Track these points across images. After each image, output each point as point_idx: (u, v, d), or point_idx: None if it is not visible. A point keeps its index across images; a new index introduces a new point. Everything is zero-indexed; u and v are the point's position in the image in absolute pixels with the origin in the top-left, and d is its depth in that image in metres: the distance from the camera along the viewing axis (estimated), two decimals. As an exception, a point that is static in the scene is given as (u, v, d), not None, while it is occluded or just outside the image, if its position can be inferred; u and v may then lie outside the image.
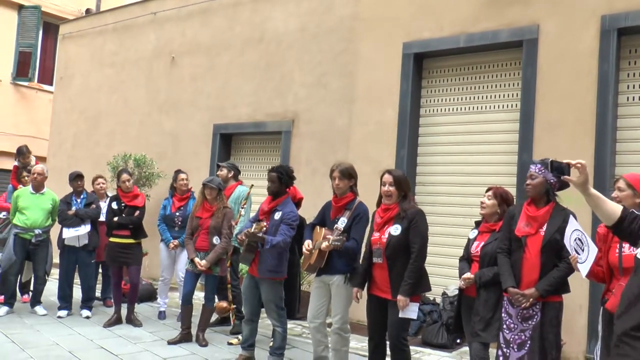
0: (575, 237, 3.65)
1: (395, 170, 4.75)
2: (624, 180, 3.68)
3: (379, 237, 4.50)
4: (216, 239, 6.12)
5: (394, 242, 4.40)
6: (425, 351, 6.26)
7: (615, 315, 2.71)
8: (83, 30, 12.60)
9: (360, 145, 7.85)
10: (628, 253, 3.55)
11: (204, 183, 6.26)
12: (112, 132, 11.57)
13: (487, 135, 7.12)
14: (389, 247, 4.41)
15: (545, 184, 4.04)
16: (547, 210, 4.02)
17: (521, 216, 4.11)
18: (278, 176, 5.32)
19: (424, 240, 4.43)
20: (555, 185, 4.05)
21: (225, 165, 7.13)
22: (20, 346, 5.70)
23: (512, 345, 4.00)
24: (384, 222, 4.52)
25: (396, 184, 4.50)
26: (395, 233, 4.41)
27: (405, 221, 4.41)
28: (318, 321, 5.04)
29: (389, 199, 4.52)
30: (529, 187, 4.10)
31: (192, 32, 10.42)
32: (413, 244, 4.37)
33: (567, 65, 6.33)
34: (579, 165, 2.98)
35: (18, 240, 7.04)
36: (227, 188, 7.02)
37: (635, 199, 3.57)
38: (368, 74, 7.91)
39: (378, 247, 4.48)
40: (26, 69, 15.70)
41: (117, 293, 6.96)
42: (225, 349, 6.05)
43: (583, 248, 3.60)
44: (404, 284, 4.32)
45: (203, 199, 6.26)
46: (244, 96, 9.50)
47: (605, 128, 6.00)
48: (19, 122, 15.28)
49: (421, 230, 4.42)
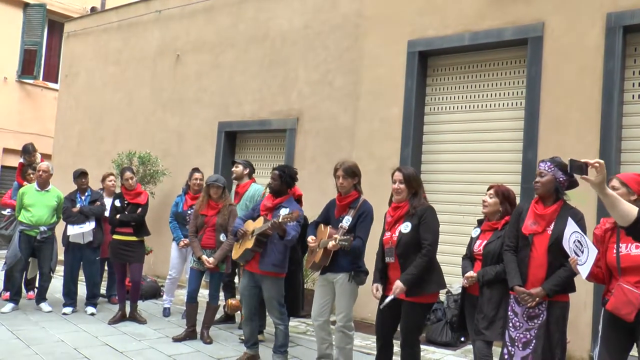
0: (575, 239, 3.66)
1: (406, 167, 4.72)
2: (617, 179, 3.70)
3: (390, 236, 4.48)
4: (223, 236, 6.13)
5: (405, 239, 4.37)
6: (430, 349, 6.26)
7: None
8: (88, 28, 12.64)
9: (365, 143, 7.84)
10: (625, 253, 3.55)
11: (208, 183, 6.27)
12: (116, 130, 11.60)
13: (491, 133, 7.10)
14: (400, 245, 4.38)
15: (554, 182, 4.01)
16: (555, 209, 4.00)
17: (529, 214, 4.09)
18: (280, 174, 5.31)
19: (435, 236, 4.40)
20: (564, 183, 4.03)
21: (241, 162, 7.15)
22: (25, 342, 5.73)
23: (517, 343, 4.00)
24: (394, 221, 4.50)
25: (406, 182, 4.48)
26: (405, 231, 4.39)
27: (415, 218, 4.39)
28: (322, 319, 5.04)
29: (399, 196, 4.51)
30: (537, 184, 4.08)
31: (196, 29, 10.44)
32: (424, 240, 4.33)
33: (572, 63, 6.31)
34: (597, 165, 3.02)
35: (23, 237, 7.08)
36: (241, 185, 7.04)
37: (630, 196, 3.58)
38: (373, 72, 7.90)
39: (390, 247, 4.45)
40: (31, 66, 15.76)
41: (121, 290, 6.99)
42: (229, 347, 6.06)
43: (582, 250, 3.60)
44: (406, 272, 4.29)
45: (207, 197, 6.27)
46: (249, 94, 9.51)
47: (610, 126, 5.98)
48: (24, 120, 15.35)
49: (432, 226, 4.39)
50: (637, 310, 3.42)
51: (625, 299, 3.45)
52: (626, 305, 3.44)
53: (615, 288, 3.54)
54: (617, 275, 3.58)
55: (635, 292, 3.43)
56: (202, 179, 7.36)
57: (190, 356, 5.65)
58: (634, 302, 3.42)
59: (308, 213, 5.87)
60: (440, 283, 4.49)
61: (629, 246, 3.54)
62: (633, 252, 3.51)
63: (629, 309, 3.43)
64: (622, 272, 3.54)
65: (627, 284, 3.48)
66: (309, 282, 7.71)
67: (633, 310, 3.42)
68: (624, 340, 3.61)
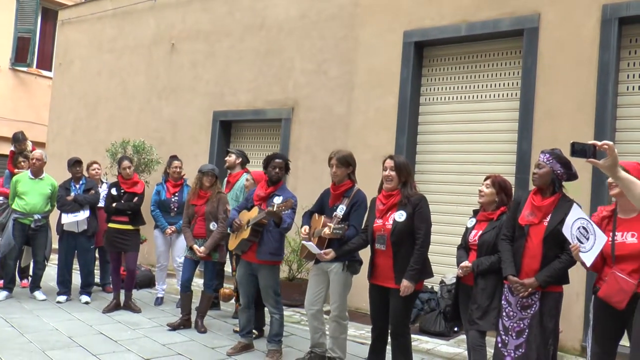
0: (579, 225, 3.61)
1: (398, 156, 4.73)
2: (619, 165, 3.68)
3: (383, 224, 4.48)
4: (213, 225, 6.12)
5: (400, 228, 4.38)
6: (423, 339, 6.29)
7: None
8: (82, 16, 12.55)
9: (360, 133, 7.84)
10: (621, 241, 3.58)
11: (203, 172, 6.25)
12: (111, 118, 11.55)
13: (486, 124, 7.11)
14: (394, 233, 4.39)
15: (551, 175, 4.02)
16: (553, 200, 4.01)
17: (526, 205, 4.10)
18: (286, 163, 5.37)
19: (428, 225, 4.43)
20: (563, 176, 4.04)
21: (234, 152, 7.15)
22: (19, 330, 5.73)
23: (511, 332, 4.02)
24: (387, 209, 4.50)
25: (397, 169, 4.49)
26: (400, 219, 4.40)
27: (409, 207, 4.40)
28: (315, 308, 5.06)
29: (390, 183, 4.51)
30: (535, 176, 4.08)
31: (192, 18, 10.38)
32: (418, 229, 4.36)
33: (568, 55, 6.31)
34: (605, 147, 2.89)
35: (17, 225, 7.06)
36: (233, 174, 7.04)
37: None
38: (368, 62, 7.89)
39: (382, 234, 4.46)
40: (25, 54, 15.64)
41: (116, 279, 6.98)
42: (224, 336, 6.07)
43: (588, 237, 3.55)
44: (409, 269, 4.32)
45: (198, 186, 6.26)
46: (244, 83, 9.48)
47: (605, 117, 6.00)
48: (17, 108, 15.26)
49: (426, 216, 4.43)
50: (629, 298, 3.45)
51: (617, 287, 3.48)
52: (618, 293, 3.47)
53: (608, 276, 3.56)
54: (611, 263, 3.60)
55: (628, 280, 3.46)
56: (181, 166, 7.44)
57: (185, 345, 5.66)
58: (626, 290, 3.45)
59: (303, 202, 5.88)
60: (427, 272, 4.52)
61: (624, 235, 3.57)
62: (628, 240, 3.54)
63: (620, 297, 3.46)
64: (617, 260, 3.56)
65: (621, 272, 3.50)
66: (302, 271, 7.73)
67: (625, 299, 3.45)
68: (615, 328, 3.65)
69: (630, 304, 3.44)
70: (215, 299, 7.12)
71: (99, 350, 5.27)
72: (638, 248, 3.50)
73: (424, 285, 6.85)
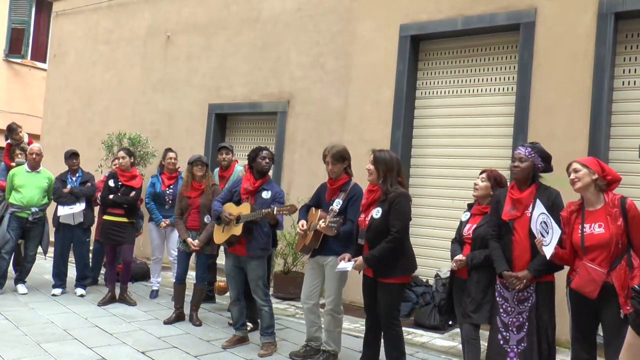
0: (541, 220, 3.79)
1: (382, 151, 4.62)
2: (578, 163, 3.83)
3: (364, 219, 4.51)
4: (207, 218, 6.10)
5: (375, 224, 4.39)
6: (418, 332, 6.32)
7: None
8: (77, 7, 12.46)
9: (356, 126, 7.84)
10: (589, 232, 3.69)
11: (191, 161, 6.22)
12: (106, 110, 11.51)
13: (482, 118, 7.12)
14: (370, 229, 4.41)
15: (532, 168, 4.11)
16: (531, 191, 4.07)
17: (506, 200, 4.16)
18: (273, 155, 5.43)
19: (404, 223, 4.37)
20: (541, 169, 4.13)
21: (232, 149, 7.12)
22: (14, 323, 5.73)
23: (511, 328, 4.05)
24: (368, 204, 4.53)
25: (375, 163, 4.48)
26: (376, 216, 4.40)
27: (385, 204, 4.38)
28: (311, 302, 5.07)
29: (369, 177, 4.53)
30: (517, 169, 4.13)
31: (188, 10, 10.33)
32: (392, 227, 4.32)
33: (564, 49, 6.32)
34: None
35: (15, 218, 7.03)
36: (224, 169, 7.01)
37: (592, 175, 3.74)
38: (365, 55, 7.88)
39: (362, 229, 4.51)
40: (19, 45, 15.53)
41: (112, 272, 6.98)
42: (219, 329, 6.09)
43: (548, 231, 3.73)
44: (370, 252, 4.36)
45: (191, 178, 6.24)
46: (240, 76, 9.45)
47: (600, 112, 6.01)
48: (12, 99, 15.17)
49: (402, 214, 4.35)
50: (600, 288, 3.57)
51: (589, 277, 3.60)
52: (589, 283, 3.59)
53: (579, 267, 3.69)
54: (582, 255, 3.72)
55: (598, 270, 3.58)
56: (175, 158, 7.42)
57: (180, 338, 5.67)
58: (597, 280, 3.57)
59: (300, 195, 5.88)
60: (409, 268, 4.52)
61: (592, 226, 3.69)
62: (596, 231, 3.67)
63: (592, 287, 3.59)
64: (586, 251, 3.68)
65: (591, 262, 3.63)
66: (298, 264, 7.75)
67: (596, 288, 3.57)
68: (591, 318, 3.76)
69: (601, 293, 3.57)
70: (210, 292, 7.14)
71: (94, 343, 5.27)
72: (606, 237, 3.61)
73: (418, 279, 6.95)
